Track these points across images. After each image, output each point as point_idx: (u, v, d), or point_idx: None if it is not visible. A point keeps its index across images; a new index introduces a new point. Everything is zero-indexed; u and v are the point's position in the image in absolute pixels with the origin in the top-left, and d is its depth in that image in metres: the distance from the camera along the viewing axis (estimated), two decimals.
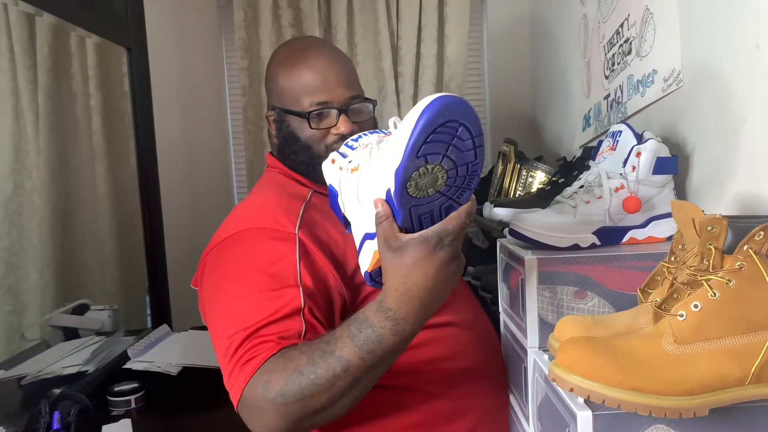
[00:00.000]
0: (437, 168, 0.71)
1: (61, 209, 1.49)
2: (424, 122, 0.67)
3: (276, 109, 1.10)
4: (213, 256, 0.98)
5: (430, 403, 0.99)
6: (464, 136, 0.69)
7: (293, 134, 1.07)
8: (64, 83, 1.53)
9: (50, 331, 1.40)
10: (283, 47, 1.15)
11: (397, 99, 2.11)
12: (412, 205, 0.73)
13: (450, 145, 0.69)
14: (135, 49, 1.65)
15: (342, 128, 1.06)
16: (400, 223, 0.74)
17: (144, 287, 1.73)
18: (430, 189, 0.72)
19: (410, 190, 0.71)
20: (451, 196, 0.75)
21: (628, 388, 0.63)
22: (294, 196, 1.04)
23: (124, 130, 1.70)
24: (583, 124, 1.61)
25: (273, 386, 0.80)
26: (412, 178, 0.70)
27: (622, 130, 0.99)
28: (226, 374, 0.85)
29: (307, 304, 0.88)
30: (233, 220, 1.02)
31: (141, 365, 1.38)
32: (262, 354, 0.83)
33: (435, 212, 0.75)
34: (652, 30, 1.16)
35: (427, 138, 0.67)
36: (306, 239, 0.94)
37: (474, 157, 0.72)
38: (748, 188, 0.88)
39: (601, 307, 0.91)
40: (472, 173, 0.74)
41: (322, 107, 1.05)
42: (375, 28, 2.09)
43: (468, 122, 0.69)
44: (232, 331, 0.86)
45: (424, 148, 0.68)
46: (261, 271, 0.91)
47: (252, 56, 2.09)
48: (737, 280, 0.64)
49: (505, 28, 2.23)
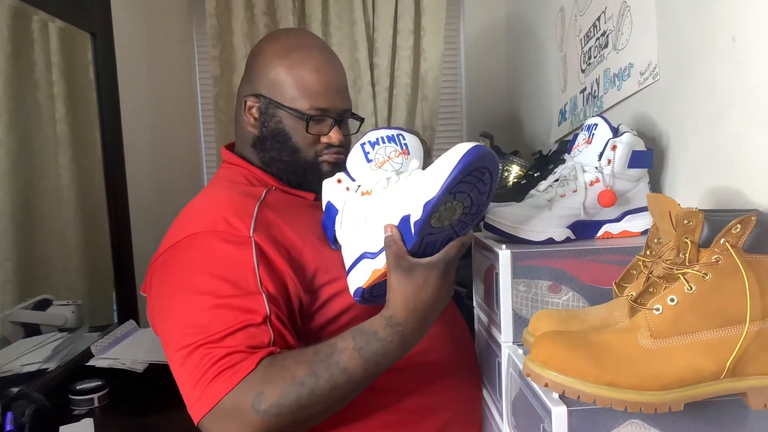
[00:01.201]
0: (458, 204, 0.82)
1: (22, 201, 1.44)
2: (465, 164, 0.77)
3: (263, 98, 1.05)
4: (163, 262, 0.93)
5: (401, 401, 0.98)
6: (487, 180, 0.82)
7: (284, 132, 1.04)
8: (26, 69, 1.47)
9: (10, 327, 1.35)
10: (287, 38, 1.10)
11: (372, 90, 2.08)
12: (426, 233, 0.83)
13: (475, 187, 0.82)
14: (100, 35, 1.60)
15: (334, 139, 1.05)
16: (410, 248, 0.84)
17: (110, 282, 1.67)
18: (446, 221, 0.83)
19: (433, 221, 0.82)
20: (456, 230, 0.86)
21: (603, 383, 0.63)
22: (247, 195, 0.99)
23: (89, 119, 1.65)
24: (559, 118, 1.61)
25: (268, 397, 0.79)
26: (438, 211, 0.81)
27: (598, 123, 0.99)
28: (189, 385, 0.82)
29: (273, 311, 0.86)
30: (182, 222, 0.96)
31: (105, 362, 1.34)
32: (242, 363, 0.80)
33: (438, 241, 0.86)
34: (629, 23, 1.15)
35: (463, 178, 0.79)
36: (262, 242, 0.90)
37: (486, 198, 0.85)
38: (723, 183, 0.88)
39: (576, 301, 0.90)
40: (479, 212, 0.87)
41: (323, 114, 1.04)
42: (350, 19, 2.06)
43: (492, 169, 0.81)
44: (191, 341, 0.82)
45: (458, 186, 0.79)
46: (218, 276, 0.87)
47: (224, 45, 2.04)
48: (714, 274, 0.64)
49: (482, 21, 2.22)
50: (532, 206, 0.97)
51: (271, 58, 1.05)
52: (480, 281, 1.08)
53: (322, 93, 1.03)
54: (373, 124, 2.08)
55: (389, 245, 0.84)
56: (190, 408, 0.82)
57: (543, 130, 1.80)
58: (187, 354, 0.82)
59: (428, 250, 0.86)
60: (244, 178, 1.06)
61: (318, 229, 0.99)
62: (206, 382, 0.80)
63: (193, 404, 0.81)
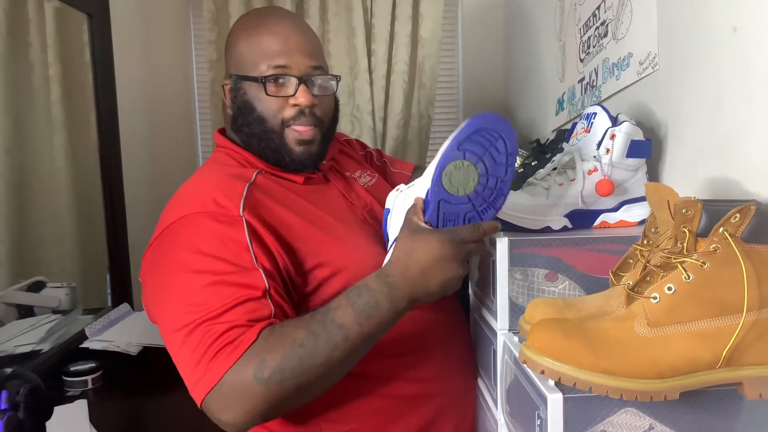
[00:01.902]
0: (471, 168, 0.84)
1: (16, 183, 1.43)
2: (471, 123, 0.83)
3: (232, 77, 1.04)
4: (156, 247, 0.92)
5: (395, 388, 0.98)
6: (500, 148, 0.84)
7: (249, 103, 1.01)
8: (21, 51, 1.46)
9: (4, 309, 1.35)
10: (247, 14, 1.11)
11: (369, 77, 2.07)
12: (441, 198, 0.85)
13: (487, 151, 0.83)
14: (96, 16, 1.58)
15: (301, 99, 1.00)
16: (427, 217, 0.86)
17: (104, 265, 1.67)
18: (461, 188, 0.85)
19: (444, 181, 0.84)
20: (476, 207, 0.87)
21: (599, 370, 0.63)
22: (237, 176, 0.98)
23: (84, 102, 1.63)
24: (557, 108, 1.61)
25: (270, 364, 0.78)
26: (448, 168, 0.83)
27: (597, 112, 0.98)
28: (191, 364, 0.80)
29: (271, 285, 0.86)
30: (173, 205, 0.95)
31: (99, 344, 1.34)
32: (242, 336, 0.80)
33: (459, 218, 0.87)
34: (629, 12, 1.15)
35: (469, 135, 0.82)
36: (252, 220, 0.90)
37: (504, 172, 0.85)
38: (722, 173, 0.88)
39: (572, 290, 0.90)
40: (500, 190, 0.86)
41: (280, 71, 1.00)
42: (348, 5, 2.04)
43: (506, 137, 0.83)
44: (191, 319, 0.82)
45: (465, 142, 0.83)
46: (212, 255, 0.86)
47: (220, 29, 2.02)
48: (711, 263, 0.64)
49: (480, 9, 2.21)
50: (529, 194, 0.97)
51: (235, 36, 1.05)
52: (476, 269, 1.08)
53: (278, 51, 1.00)
54: (370, 111, 2.07)
55: (409, 210, 0.88)
56: (192, 390, 0.81)
57: (540, 120, 1.80)
58: (187, 333, 0.82)
59: (448, 226, 0.87)
60: (234, 160, 1.05)
61: (307, 213, 0.98)
62: (208, 360, 0.79)
63: (195, 385, 0.80)
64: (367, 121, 2.07)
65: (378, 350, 0.88)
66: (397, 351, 0.97)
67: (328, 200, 1.06)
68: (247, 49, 1.02)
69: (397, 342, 0.95)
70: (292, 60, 1.00)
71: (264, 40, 1.01)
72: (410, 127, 2.14)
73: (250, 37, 1.02)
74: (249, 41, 1.02)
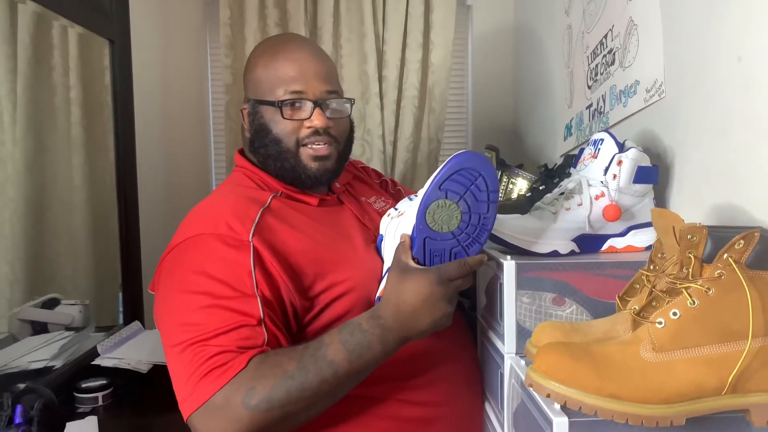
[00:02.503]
0: (453, 207, 0.86)
1: (35, 201, 1.45)
2: (451, 163, 0.85)
3: (250, 101, 1.08)
4: (167, 262, 0.96)
5: (401, 411, 0.98)
6: (481, 186, 0.86)
7: (265, 126, 1.05)
8: (45, 73, 1.50)
9: (18, 325, 1.36)
10: (265, 41, 1.15)
11: (380, 102, 2.10)
12: (426, 236, 0.88)
13: (468, 190, 0.86)
14: (118, 42, 1.62)
15: (316, 121, 1.03)
16: (414, 253, 0.89)
17: (117, 283, 1.69)
18: (445, 226, 0.87)
19: (428, 219, 0.86)
20: (461, 242, 0.89)
21: (605, 394, 0.63)
22: (252, 200, 1.01)
23: (103, 123, 1.67)
24: (565, 134, 1.62)
25: (259, 391, 0.80)
26: (431, 208, 0.86)
27: (604, 138, 1.00)
28: (181, 381, 0.84)
29: (267, 313, 0.88)
30: (188, 223, 0.98)
31: (110, 362, 1.35)
32: (233, 361, 0.82)
33: (445, 254, 0.89)
34: (635, 41, 1.17)
35: (450, 175, 0.85)
36: (260, 246, 0.92)
37: (486, 209, 0.87)
38: (727, 199, 0.89)
39: (579, 314, 0.91)
40: (482, 226, 0.88)
41: (296, 96, 1.03)
42: (360, 31, 2.08)
43: (486, 176, 0.85)
44: (185, 338, 0.85)
45: (446, 183, 0.85)
46: (214, 278, 0.89)
47: (236, 54, 2.07)
48: (716, 289, 0.65)
49: (489, 36, 2.25)
50: (537, 218, 0.98)
51: (253, 62, 1.09)
52: (483, 292, 1.09)
53: (294, 77, 1.03)
54: (380, 134, 2.10)
55: (397, 249, 0.90)
56: (181, 404, 0.83)
57: (549, 145, 1.82)
58: (180, 351, 0.84)
59: (435, 262, 0.89)
60: (252, 181, 1.08)
61: (319, 235, 1.00)
62: (196, 380, 0.82)
63: (184, 400, 0.83)
64: (378, 145, 2.10)
65: (383, 373, 0.90)
66: (403, 374, 0.98)
67: (342, 222, 1.07)
68: (265, 74, 1.05)
69: (403, 365, 0.96)
70: (308, 85, 1.03)
71: (281, 66, 1.04)
72: (420, 150, 2.16)
73: (267, 63, 1.05)
74: (267, 67, 1.05)
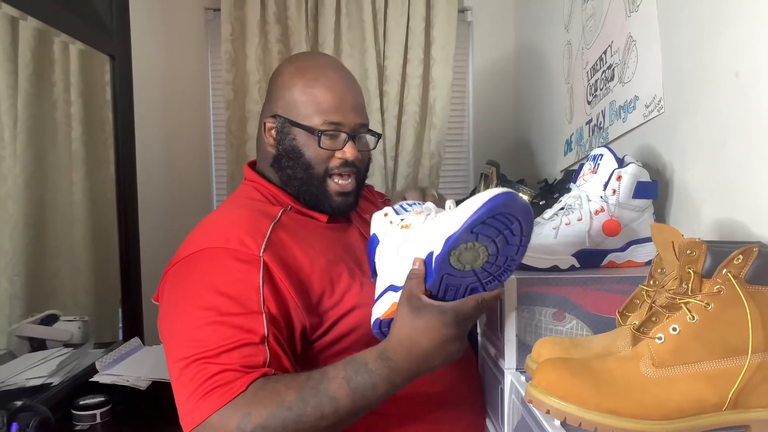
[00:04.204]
0: (482, 249, 0.80)
1: (35, 217, 1.46)
2: (490, 206, 0.76)
3: (280, 118, 1.07)
4: (174, 273, 0.95)
5: (403, 427, 0.98)
6: (516, 231, 0.79)
7: (297, 149, 1.05)
8: (45, 89, 1.51)
9: (17, 342, 1.36)
10: (303, 60, 1.14)
11: (381, 118, 2.11)
12: (446, 273, 0.81)
13: (501, 234, 0.79)
14: (119, 57, 1.63)
15: (348, 154, 1.05)
16: (428, 286, 0.82)
17: (117, 299, 1.69)
18: (468, 265, 0.81)
19: (452, 260, 0.80)
20: (481, 280, 0.83)
21: (605, 410, 0.63)
22: (263, 214, 1.01)
23: (104, 139, 1.67)
24: (565, 149, 1.63)
25: (254, 418, 0.79)
26: (458, 249, 0.79)
27: (604, 153, 1.00)
28: (183, 397, 0.83)
29: (271, 331, 0.87)
30: (198, 235, 0.98)
31: (109, 378, 1.34)
32: (234, 382, 0.81)
33: (461, 288, 0.84)
34: (634, 57, 1.17)
35: (486, 219, 0.77)
36: (271, 262, 0.92)
37: (516, 252, 0.82)
38: (727, 214, 0.89)
39: (579, 329, 0.90)
40: (507, 267, 0.83)
41: (335, 128, 1.05)
42: (362, 48, 2.10)
43: (523, 221, 0.79)
44: (189, 353, 0.84)
45: (480, 227, 0.77)
46: (223, 293, 0.89)
47: (238, 70, 2.08)
48: (716, 304, 0.64)
49: (490, 51, 2.26)
50: (537, 234, 0.98)
51: (288, 79, 1.08)
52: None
53: (334, 108, 1.04)
54: (381, 150, 2.10)
55: (410, 278, 0.83)
56: (182, 419, 0.83)
57: (549, 160, 1.82)
58: (183, 366, 0.84)
59: (449, 295, 0.84)
60: (262, 195, 1.08)
61: (328, 252, 1.00)
62: (198, 397, 0.81)
63: (185, 416, 0.83)
64: (379, 160, 2.10)
65: None
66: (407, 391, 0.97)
67: (349, 240, 1.09)
68: (303, 98, 1.05)
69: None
70: (346, 117, 1.05)
71: (321, 93, 1.05)
72: (421, 165, 2.17)
73: (306, 87, 1.05)
74: (306, 91, 1.05)
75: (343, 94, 1.06)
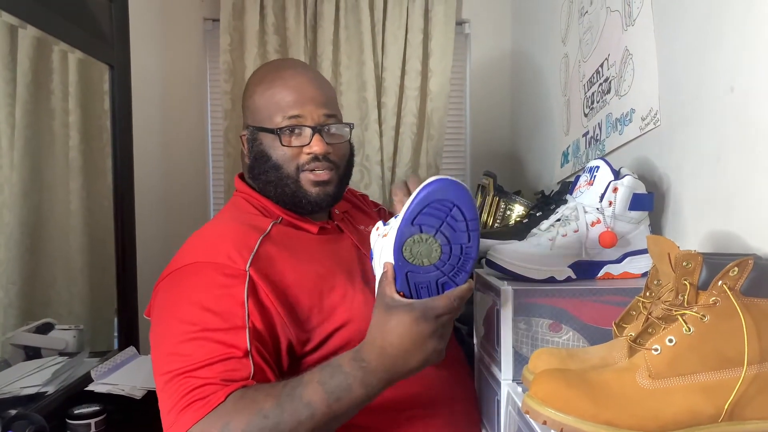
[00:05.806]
0: (431, 240, 0.80)
1: (31, 225, 1.45)
2: (422, 195, 0.78)
3: (249, 128, 1.08)
4: (163, 288, 0.96)
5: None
6: (458, 217, 0.79)
7: (264, 153, 1.05)
8: (44, 98, 1.51)
9: (11, 350, 1.35)
10: (262, 67, 1.15)
11: (379, 129, 2.12)
12: (408, 270, 0.82)
13: (444, 222, 0.79)
14: (118, 67, 1.64)
15: (315, 147, 1.03)
16: (398, 287, 0.82)
17: (112, 308, 1.68)
18: (425, 259, 0.81)
19: (405, 254, 0.80)
20: (446, 273, 0.82)
21: (601, 422, 0.63)
22: (252, 227, 1.00)
23: (101, 148, 1.68)
24: (562, 161, 1.64)
25: (233, 428, 0.79)
26: (407, 243, 0.80)
27: (600, 165, 1.01)
28: (166, 410, 0.84)
29: (254, 346, 0.87)
30: (187, 249, 0.98)
31: (104, 387, 1.33)
32: (213, 395, 0.81)
33: (431, 286, 0.83)
34: (631, 70, 1.19)
35: (422, 209, 0.78)
36: (256, 276, 0.92)
37: (467, 239, 0.80)
38: (722, 226, 0.89)
39: (576, 340, 0.90)
40: (466, 255, 0.82)
41: (294, 122, 1.03)
42: (360, 59, 2.11)
43: (461, 205, 0.78)
44: (172, 368, 0.85)
45: (419, 217, 0.78)
46: (207, 309, 0.89)
47: (236, 80, 2.09)
48: (712, 316, 0.65)
49: (487, 64, 2.28)
50: (534, 244, 0.99)
51: (251, 87, 1.09)
52: (481, 318, 1.08)
53: (292, 103, 1.03)
54: (379, 161, 2.11)
55: (381, 281, 0.84)
56: (165, 431, 0.84)
57: (546, 171, 1.83)
58: (167, 380, 0.84)
59: (423, 294, 0.83)
60: (253, 206, 1.08)
61: (318, 265, 1.00)
62: (179, 410, 0.82)
63: (168, 429, 0.83)
64: (376, 171, 2.11)
65: (379, 404, 0.88)
66: (399, 406, 0.97)
67: (341, 251, 1.07)
68: (262, 101, 1.06)
69: (399, 396, 0.95)
70: (306, 110, 1.03)
71: (278, 92, 1.04)
72: None
73: (265, 90, 1.06)
74: (264, 94, 1.06)
75: (302, 88, 1.04)
